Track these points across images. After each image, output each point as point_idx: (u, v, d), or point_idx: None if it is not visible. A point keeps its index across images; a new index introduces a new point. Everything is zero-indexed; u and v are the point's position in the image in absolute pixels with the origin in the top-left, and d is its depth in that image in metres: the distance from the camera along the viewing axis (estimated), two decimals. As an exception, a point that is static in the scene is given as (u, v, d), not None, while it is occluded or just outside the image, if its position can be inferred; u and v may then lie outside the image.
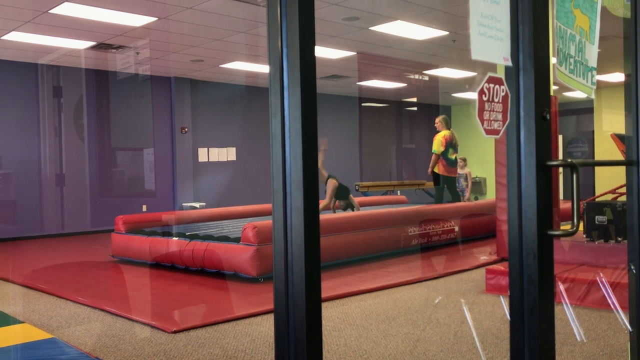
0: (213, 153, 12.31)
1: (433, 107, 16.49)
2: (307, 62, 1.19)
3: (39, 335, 3.64)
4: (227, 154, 12.53)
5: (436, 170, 8.46)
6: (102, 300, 4.83)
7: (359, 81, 12.71)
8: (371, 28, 8.18)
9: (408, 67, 11.47)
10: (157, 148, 11.49)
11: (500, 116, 1.76)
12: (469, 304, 4.57)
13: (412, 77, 12.50)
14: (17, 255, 8.09)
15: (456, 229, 7.90)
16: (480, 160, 15.86)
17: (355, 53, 9.84)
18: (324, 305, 4.62)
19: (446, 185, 8.57)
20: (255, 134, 12.85)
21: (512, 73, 1.85)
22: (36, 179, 9.93)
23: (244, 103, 12.74)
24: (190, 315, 4.35)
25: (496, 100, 1.74)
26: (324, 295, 4.83)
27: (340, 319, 4.17)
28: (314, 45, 1.20)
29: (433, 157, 8.41)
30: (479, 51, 1.69)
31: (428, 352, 3.38)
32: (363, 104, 15.16)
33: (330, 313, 4.35)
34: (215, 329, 3.99)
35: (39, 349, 2.34)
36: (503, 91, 1.76)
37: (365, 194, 11.60)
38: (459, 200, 8.90)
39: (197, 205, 11.55)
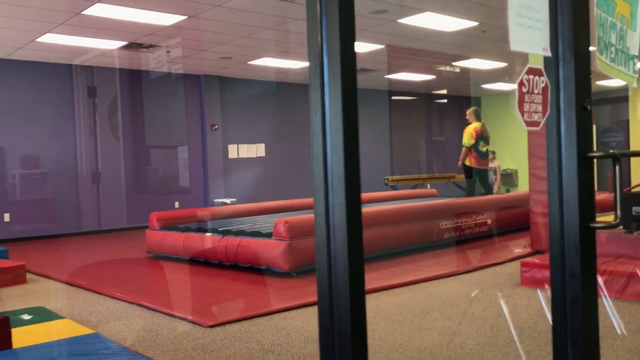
0: (243, 149, 12.40)
1: (463, 98, 16.31)
2: (348, 57, 1.19)
3: (81, 330, 3.74)
4: (257, 150, 12.61)
5: (467, 162, 8.38)
6: (139, 296, 4.92)
7: (388, 74, 12.64)
8: (399, 20, 8.12)
9: (437, 59, 11.36)
10: (190, 145, 11.64)
11: (540, 108, 1.73)
12: (505, 298, 4.53)
13: (441, 69, 12.37)
14: (57, 253, 8.29)
15: (488, 221, 7.82)
16: (511, 152, 15.64)
17: (383, 46, 9.79)
18: (357, 299, 4.63)
19: (477, 177, 8.48)
20: (284, 130, 12.90)
21: (551, 63, 1.82)
22: (73, 178, 10.17)
23: (273, 99, 12.79)
24: (226, 309, 4.40)
25: (536, 91, 1.72)
26: (357, 289, 4.83)
27: (375, 313, 4.18)
28: (354, 40, 1.20)
29: (463, 149, 8.33)
30: (518, 42, 1.66)
31: (465, 346, 3.36)
32: (393, 97, 15.07)
33: (364, 307, 4.35)
34: (251, 323, 4.03)
35: (83, 344, 2.41)
36: (543, 82, 1.74)
37: (394, 188, 11.56)
38: (491, 193, 8.81)
39: (227, 201, 11.66)
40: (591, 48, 1.86)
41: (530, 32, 1.71)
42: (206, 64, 10.77)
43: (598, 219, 1.89)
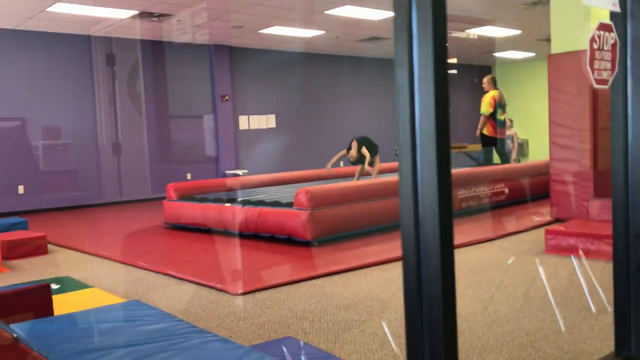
0: (253, 120, 12.33)
1: (475, 67, 16.12)
2: (439, 4, 1.14)
3: (112, 299, 3.75)
4: (267, 121, 12.53)
5: (485, 131, 8.30)
6: (164, 265, 4.92)
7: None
8: (416, -13, 7.96)
9: (449, 26, 11.17)
10: (202, 116, 11.58)
11: (609, 65, 1.68)
12: (532, 265, 4.51)
13: (453, 36, 12.18)
14: (78, 223, 8.30)
15: (506, 190, 7.78)
16: (522, 121, 15.49)
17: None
18: (383, 268, 4.63)
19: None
20: (294, 100, 12.80)
21: (619, 20, 1.76)
22: (94, 148, 10.15)
23: (283, 68, 12.66)
24: (253, 278, 4.40)
25: (606, 48, 1.66)
26: (382, 258, 4.84)
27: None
28: (446, -12, 1.15)
29: (482, 118, 8.24)
30: (590, -4, 1.60)
31: (498, 312, 3.36)
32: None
33: (391, 275, 4.36)
34: (280, 291, 4.04)
35: (126, 310, 2.41)
36: (612, 39, 1.68)
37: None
38: (508, 162, 8.75)
39: (240, 172, 11.63)
40: None
41: (601, -15, 1.65)
42: (216, 34, 10.63)
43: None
